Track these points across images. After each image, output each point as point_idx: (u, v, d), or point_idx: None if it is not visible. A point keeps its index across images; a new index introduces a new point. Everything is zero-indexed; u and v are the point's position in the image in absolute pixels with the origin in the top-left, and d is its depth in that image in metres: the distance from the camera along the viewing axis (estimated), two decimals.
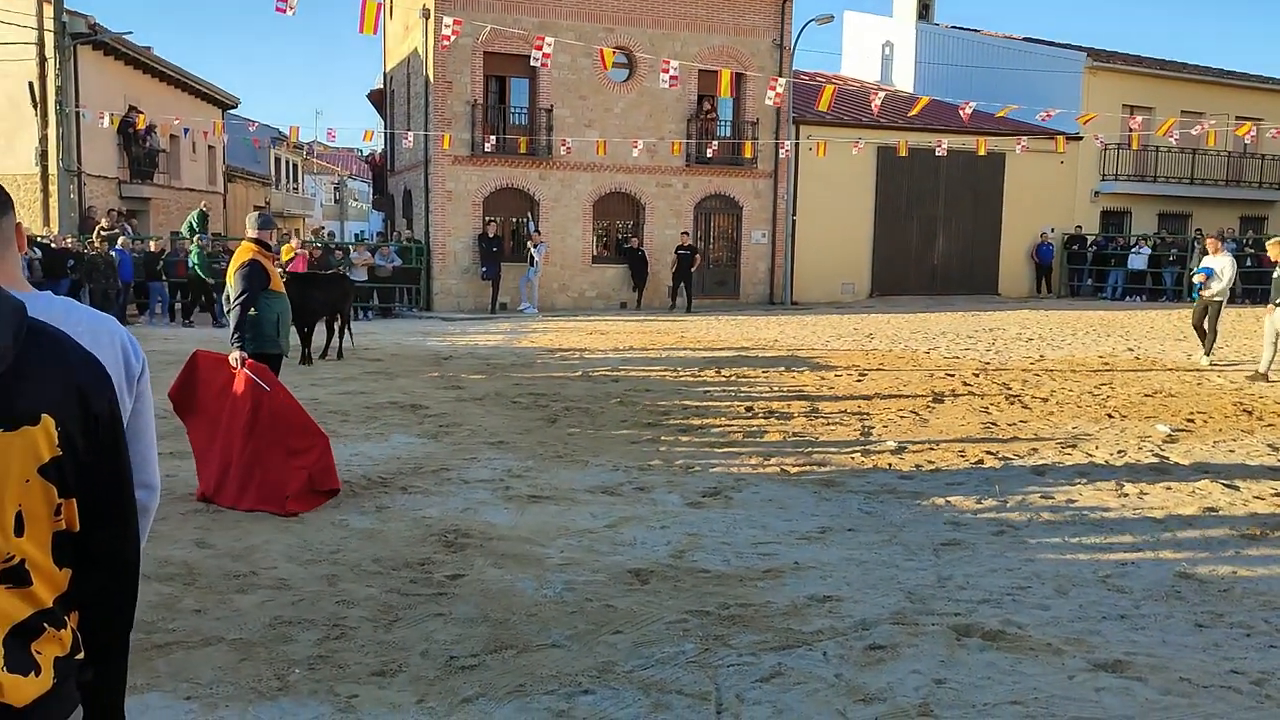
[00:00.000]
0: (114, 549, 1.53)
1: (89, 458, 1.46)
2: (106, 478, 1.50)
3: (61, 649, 1.45)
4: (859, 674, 3.95)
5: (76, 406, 1.44)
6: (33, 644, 1.41)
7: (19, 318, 1.38)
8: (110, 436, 1.50)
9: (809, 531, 5.95)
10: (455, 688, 3.81)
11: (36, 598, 1.42)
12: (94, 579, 1.51)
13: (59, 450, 1.41)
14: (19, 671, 1.38)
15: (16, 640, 1.39)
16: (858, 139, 25.33)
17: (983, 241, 28.51)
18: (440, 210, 23.21)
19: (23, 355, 1.38)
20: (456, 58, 22.69)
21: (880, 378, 12.24)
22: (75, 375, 1.46)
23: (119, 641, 1.60)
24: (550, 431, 8.92)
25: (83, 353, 1.49)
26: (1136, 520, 6.21)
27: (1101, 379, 12.17)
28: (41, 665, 1.41)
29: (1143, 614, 4.61)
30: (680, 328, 19.19)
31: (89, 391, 1.47)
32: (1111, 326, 19.18)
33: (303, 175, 55.78)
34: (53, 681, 1.42)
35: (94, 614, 1.53)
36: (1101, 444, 8.43)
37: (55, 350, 1.45)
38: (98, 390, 1.48)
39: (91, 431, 1.46)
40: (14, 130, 21.49)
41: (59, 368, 1.44)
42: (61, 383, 1.43)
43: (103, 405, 1.49)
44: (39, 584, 1.41)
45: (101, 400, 1.49)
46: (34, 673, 1.40)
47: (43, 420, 1.39)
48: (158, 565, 5.11)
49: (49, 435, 1.40)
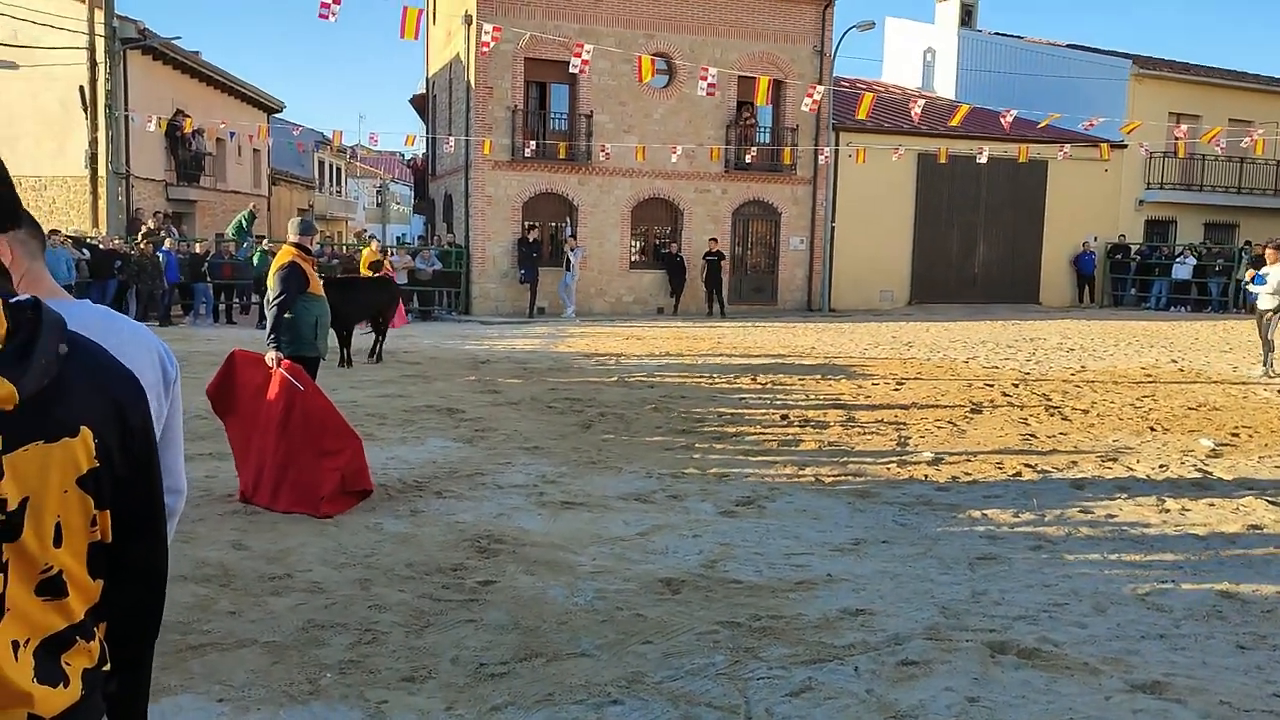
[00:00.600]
0: (146, 560, 1.55)
1: (124, 470, 1.48)
2: (140, 490, 1.52)
3: (90, 661, 1.47)
4: (890, 690, 3.91)
5: (114, 420, 1.46)
6: (63, 655, 1.42)
7: (61, 329, 1.40)
8: (144, 450, 1.52)
9: (842, 543, 5.91)
10: (484, 695, 3.81)
11: (70, 610, 1.43)
12: (126, 591, 1.52)
13: (96, 462, 1.42)
14: (49, 683, 1.39)
15: (48, 652, 1.40)
16: (898, 146, 25.17)
17: (1024, 250, 28.20)
18: (480, 215, 23.35)
19: (63, 369, 1.40)
20: (498, 64, 22.82)
21: (918, 387, 12.14)
22: (113, 389, 1.47)
23: (145, 652, 1.62)
24: (585, 437, 8.93)
25: (120, 367, 1.51)
26: (1178, 537, 6.10)
27: (1144, 391, 11.98)
28: (71, 677, 1.42)
29: (1183, 634, 4.53)
30: (716, 334, 19.15)
31: (126, 405, 1.48)
32: (1155, 337, 18.90)
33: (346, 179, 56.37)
34: (81, 693, 1.43)
35: (123, 625, 1.54)
36: (1143, 458, 8.30)
37: (94, 364, 1.47)
38: (134, 404, 1.50)
39: (127, 445, 1.48)
40: (65, 133, 21.90)
41: (98, 381, 1.46)
42: (100, 396, 1.45)
43: (138, 419, 1.50)
44: (74, 595, 1.43)
45: (137, 414, 1.50)
46: (63, 684, 1.41)
47: (81, 432, 1.41)
48: (194, 566, 5.17)
49: (87, 447, 1.41)
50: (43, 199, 22.07)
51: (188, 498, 6.42)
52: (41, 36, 20.96)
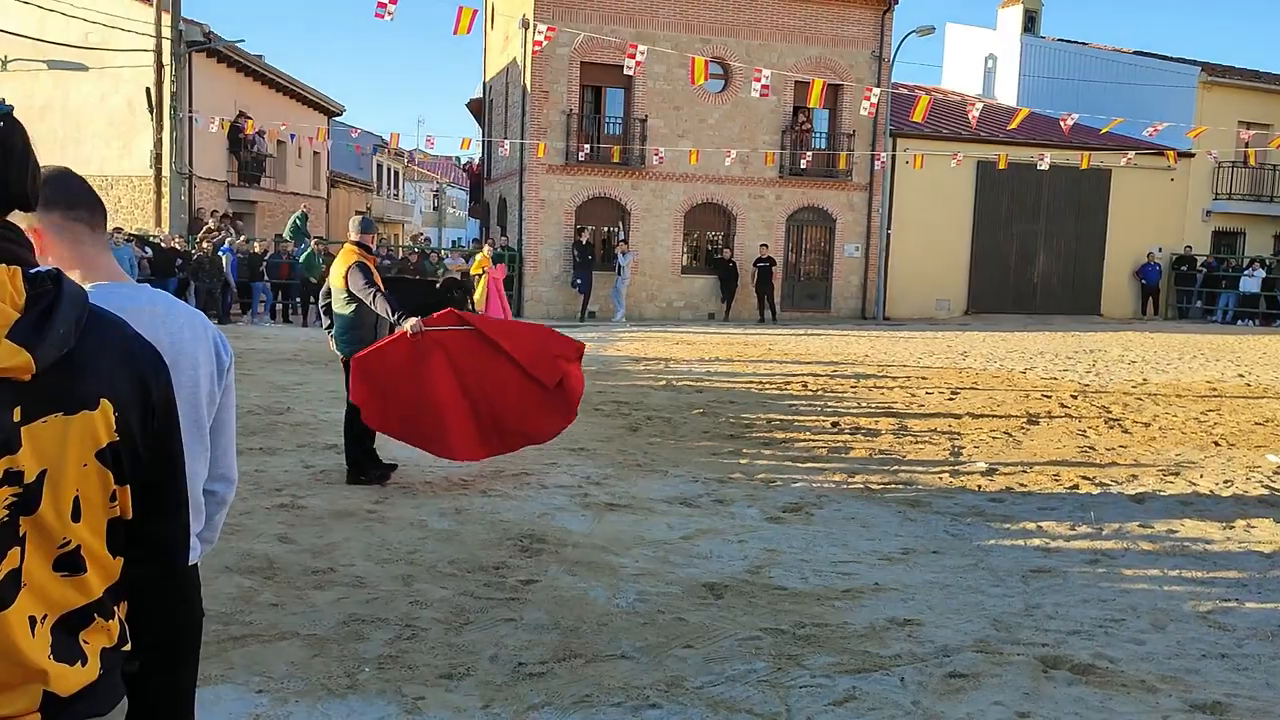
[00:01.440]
0: (164, 538, 1.52)
1: (145, 445, 1.45)
2: (161, 466, 1.49)
3: (109, 640, 1.44)
4: (937, 702, 3.79)
5: (136, 393, 1.43)
6: (82, 633, 1.40)
7: (82, 302, 1.39)
8: (165, 425, 1.49)
9: (891, 552, 5.79)
10: (522, 694, 3.77)
11: (89, 586, 1.41)
12: (143, 569, 1.50)
13: (116, 436, 1.40)
14: (66, 660, 1.37)
15: (66, 629, 1.38)
16: (956, 153, 24.83)
17: (1085, 260, 27.65)
18: (533, 218, 23.44)
19: (84, 340, 1.38)
20: (553, 68, 22.91)
21: (973, 397, 11.92)
22: (135, 362, 1.45)
23: (174, 635, 1.58)
24: (631, 440, 8.88)
25: (143, 342, 1.49)
26: (1242, 554, 5.89)
27: (1209, 405, 11.65)
28: (89, 655, 1.40)
29: (1246, 654, 4.35)
30: (768, 340, 19.01)
31: (148, 379, 1.46)
32: (1221, 351, 18.40)
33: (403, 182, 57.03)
34: (99, 672, 1.41)
35: (143, 604, 1.51)
36: (1206, 473, 8.05)
37: (116, 337, 1.44)
38: (156, 378, 1.47)
39: (148, 419, 1.46)
40: (131, 134, 22.39)
41: (119, 354, 1.43)
42: (122, 369, 1.43)
43: (160, 393, 1.48)
44: (93, 572, 1.41)
45: (160, 388, 1.48)
46: (80, 662, 1.39)
47: (101, 405, 1.38)
48: (240, 558, 5.21)
49: (107, 420, 1.39)
50: (108, 198, 22.57)
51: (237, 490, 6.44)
52: (110, 39, 21.45)
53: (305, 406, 9.99)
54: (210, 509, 2.19)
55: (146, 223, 21.75)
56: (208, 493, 2.16)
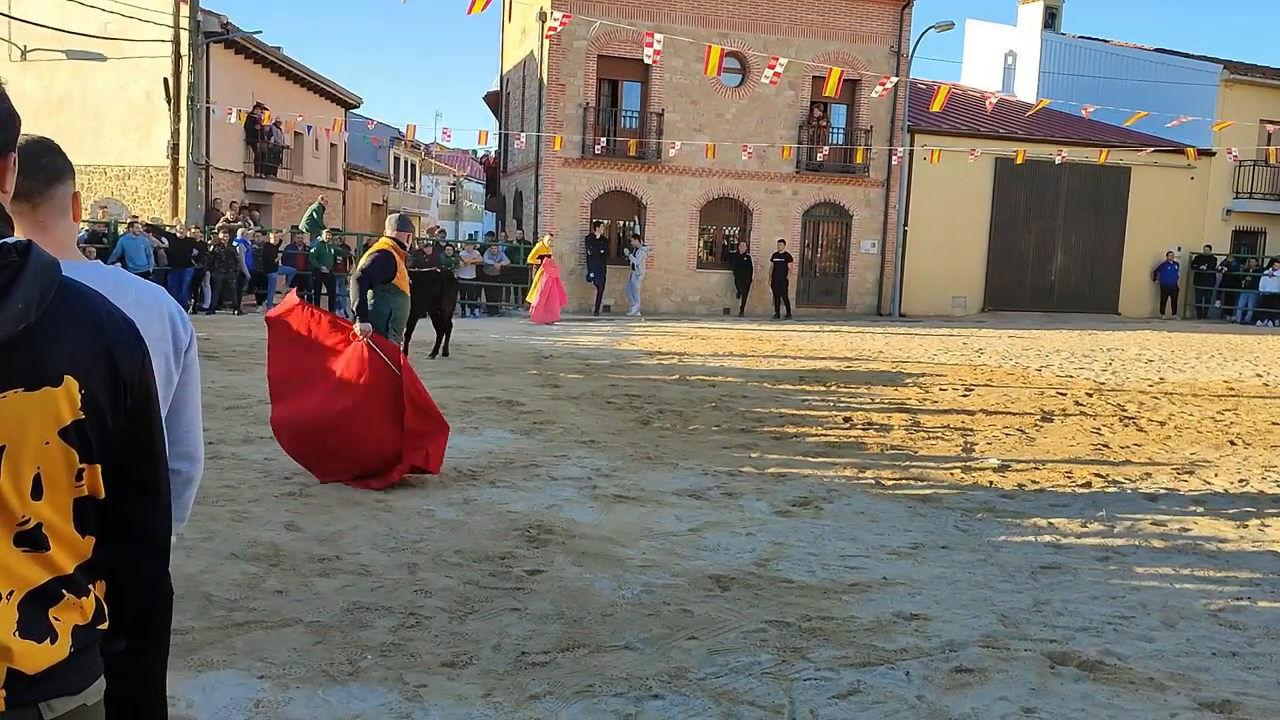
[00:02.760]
0: (143, 520, 1.49)
1: (117, 424, 1.42)
2: (135, 445, 1.45)
3: (82, 617, 1.41)
4: (942, 697, 3.76)
5: (105, 369, 1.39)
6: (51, 610, 1.37)
7: (50, 275, 1.35)
8: (141, 402, 1.45)
9: (900, 547, 5.75)
10: (524, 684, 3.76)
11: (55, 563, 1.38)
12: (119, 548, 1.47)
13: (81, 414, 1.36)
14: (32, 638, 1.34)
15: (34, 606, 1.35)
16: (974, 149, 24.68)
17: (1104, 258, 27.45)
18: (549, 211, 23.43)
19: (50, 314, 1.34)
20: (570, 61, 22.88)
21: (987, 394, 11.84)
22: (105, 336, 1.41)
23: (153, 613, 1.56)
24: (642, 433, 8.86)
25: (117, 315, 1.44)
26: (1256, 553, 5.83)
27: (1225, 404, 11.54)
28: (59, 632, 1.37)
29: (1257, 652, 4.30)
30: (782, 336, 18.95)
31: (118, 354, 1.42)
32: (1239, 351, 18.23)
33: (420, 175, 57.09)
34: (70, 650, 1.38)
35: (121, 583, 1.49)
36: (1221, 472, 7.97)
37: (86, 310, 1.41)
38: (128, 352, 1.43)
39: (119, 396, 1.41)
40: (149, 124, 22.46)
41: (88, 329, 1.39)
42: (89, 344, 1.38)
43: (134, 369, 1.43)
44: (57, 549, 1.37)
45: (133, 363, 1.43)
46: (50, 639, 1.36)
47: (65, 381, 1.34)
48: (246, 545, 5.21)
49: (71, 397, 1.35)
50: (126, 188, 22.68)
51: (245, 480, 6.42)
52: (129, 29, 21.52)
53: None
54: (176, 488, 2.15)
55: (163, 213, 21.83)
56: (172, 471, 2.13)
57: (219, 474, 6.64)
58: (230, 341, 14.59)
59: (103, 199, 22.00)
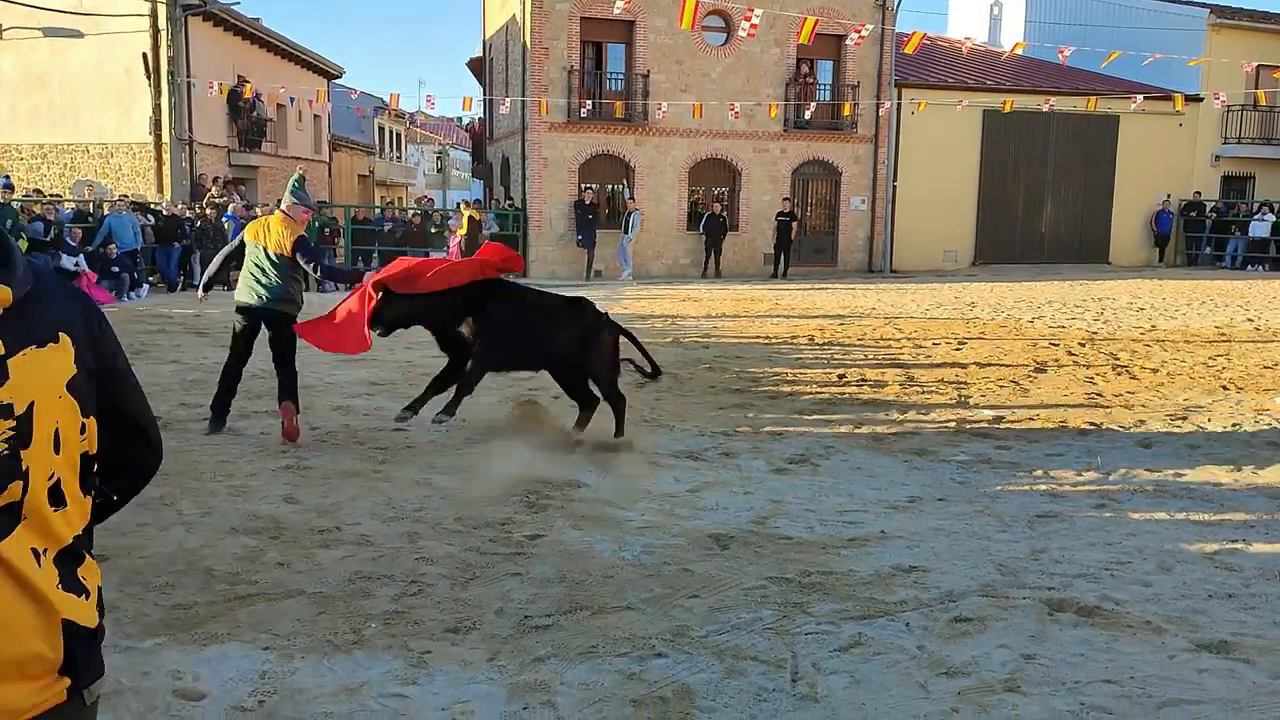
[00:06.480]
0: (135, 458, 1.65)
1: (100, 377, 1.50)
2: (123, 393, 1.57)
3: (98, 579, 1.47)
4: (943, 646, 3.80)
5: (84, 327, 1.48)
6: (79, 569, 1.42)
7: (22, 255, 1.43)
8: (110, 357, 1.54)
9: (898, 500, 5.78)
10: (527, 647, 3.78)
11: (73, 521, 1.44)
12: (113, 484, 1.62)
13: (75, 367, 1.44)
14: (73, 592, 1.39)
15: (65, 564, 1.40)
16: (960, 100, 24.54)
17: (1093, 208, 27.39)
18: (537, 177, 23.27)
19: (37, 282, 1.42)
20: (553, 23, 22.64)
21: (980, 346, 11.87)
22: (78, 296, 1.51)
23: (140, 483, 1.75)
24: (637, 395, 8.84)
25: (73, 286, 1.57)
26: (1249, 496, 5.87)
27: (1217, 350, 11.58)
28: (90, 591, 1.44)
29: (1253, 593, 4.34)
30: (775, 295, 18.93)
31: (90, 312, 1.51)
32: (1230, 296, 18.28)
33: (406, 144, 56.65)
34: (98, 619, 1.43)
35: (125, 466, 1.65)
36: (1214, 417, 8.01)
37: (53, 276, 1.51)
38: (96, 311, 1.53)
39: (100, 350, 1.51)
40: (130, 100, 22.20)
41: (66, 291, 1.49)
42: (71, 303, 1.48)
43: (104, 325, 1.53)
44: (72, 507, 1.44)
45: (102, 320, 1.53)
46: (85, 596, 1.43)
47: (62, 339, 1.42)
48: (246, 519, 5.22)
49: (68, 353, 1.43)
50: (109, 166, 22.46)
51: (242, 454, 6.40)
52: (105, 4, 21.23)
53: (310, 370, 9.97)
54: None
55: (148, 190, 21.65)
56: None
57: (215, 449, 6.65)
58: (220, 319, 14.51)
59: (85, 177, 21.80)
